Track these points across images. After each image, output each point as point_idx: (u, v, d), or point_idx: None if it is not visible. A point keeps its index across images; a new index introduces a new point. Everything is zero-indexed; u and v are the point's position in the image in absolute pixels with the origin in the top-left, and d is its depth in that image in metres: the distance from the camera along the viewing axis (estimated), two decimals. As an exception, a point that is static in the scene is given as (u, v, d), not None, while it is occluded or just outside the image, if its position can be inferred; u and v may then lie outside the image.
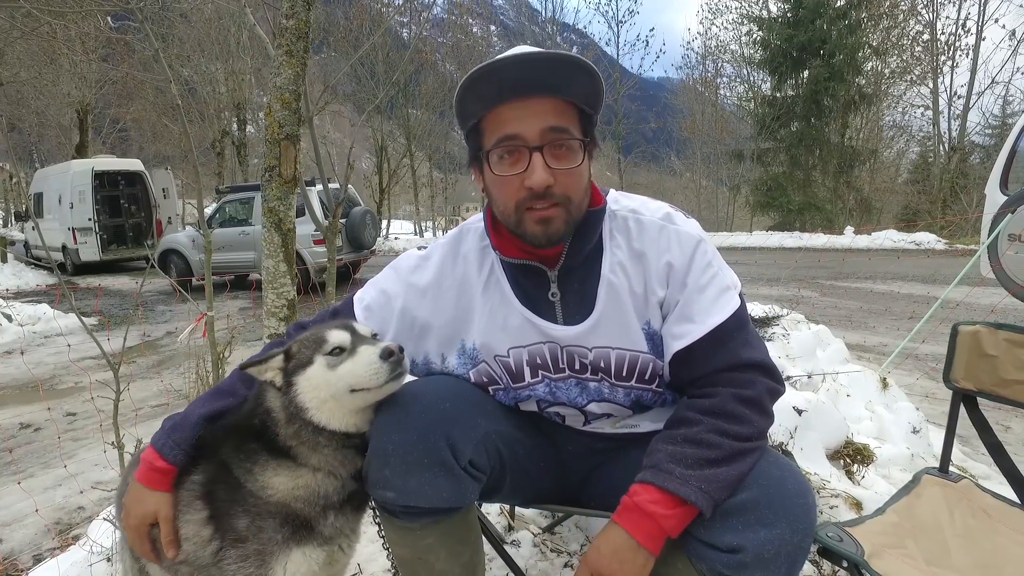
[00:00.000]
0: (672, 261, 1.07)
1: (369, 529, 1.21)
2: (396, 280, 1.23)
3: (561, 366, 1.13)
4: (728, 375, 1.03)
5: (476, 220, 1.22)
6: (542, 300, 1.12)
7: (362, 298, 1.24)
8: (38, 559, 2.33)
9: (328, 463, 1.07)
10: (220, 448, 1.09)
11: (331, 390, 1.04)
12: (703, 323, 1.03)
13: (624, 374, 1.11)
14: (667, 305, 1.09)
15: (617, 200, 1.15)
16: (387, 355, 1.02)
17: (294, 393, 1.05)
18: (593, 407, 1.17)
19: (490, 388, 1.19)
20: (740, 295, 1.09)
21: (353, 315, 1.23)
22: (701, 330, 1.03)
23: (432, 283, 1.18)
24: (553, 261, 1.11)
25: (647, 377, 1.12)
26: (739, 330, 1.05)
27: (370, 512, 1.19)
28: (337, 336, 1.08)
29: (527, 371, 1.15)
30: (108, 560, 1.82)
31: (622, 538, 0.94)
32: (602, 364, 1.11)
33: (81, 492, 2.81)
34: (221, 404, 1.14)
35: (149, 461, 1.07)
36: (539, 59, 0.96)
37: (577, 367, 1.13)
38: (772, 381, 1.05)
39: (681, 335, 1.05)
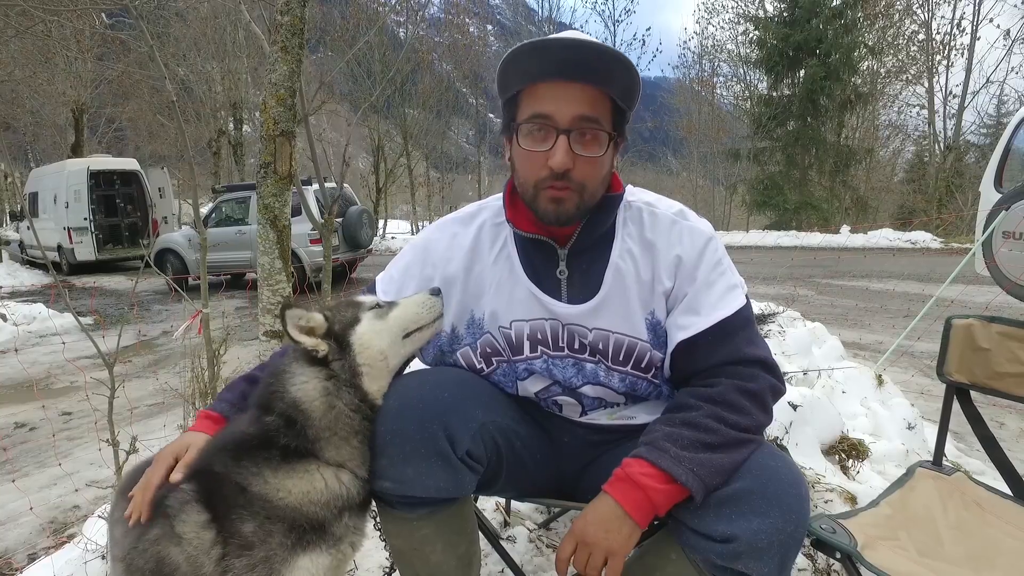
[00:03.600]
0: (682, 255, 1.10)
1: (367, 525, 1.21)
2: (412, 256, 1.27)
3: (560, 344, 1.15)
4: (731, 368, 1.05)
5: (495, 198, 1.25)
6: (549, 276, 1.15)
7: (383, 277, 1.29)
8: (33, 558, 2.32)
9: (355, 458, 1.04)
10: (212, 462, 1.03)
11: (385, 341, 1.08)
12: (708, 316, 1.06)
13: (621, 358, 1.13)
14: (674, 297, 1.11)
15: (634, 193, 1.20)
16: (436, 292, 1.14)
17: (352, 355, 1.06)
18: (587, 390, 1.18)
19: (493, 360, 1.20)
20: (746, 295, 1.12)
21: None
22: (706, 323, 1.05)
23: (444, 256, 1.22)
24: (564, 239, 1.14)
25: (643, 365, 1.13)
26: (743, 327, 1.07)
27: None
28: (370, 298, 1.15)
29: (527, 345, 1.16)
30: (103, 558, 1.82)
31: (610, 507, 0.95)
32: (600, 346, 1.13)
33: (76, 491, 2.80)
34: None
35: (199, 416, 1.15)
36: (584, 45, 1.00)
37: (576, 346, 1.14)
38: (774, 379, 1.07)
39: (686, 326, 1.07)
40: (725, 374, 1.04)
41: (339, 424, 1.04)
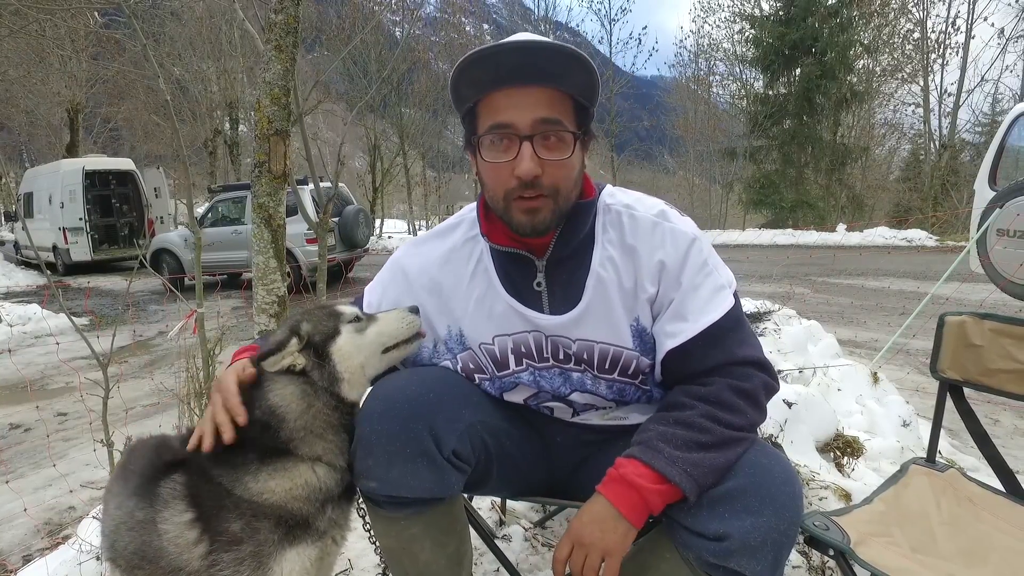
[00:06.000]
0: (665, 259, 1.06)
1: (360, 524, 1.21)
2: (392, 273, 1.25)
3: (545, 355, 1.14)
4: (725, 368, 1.03)
5: (469, 209, 1.22)
6: (528, 289, 1.12)
7: (369, 290, 1.28)
8: (28, 559, 2.31)
9: (330, 451, 1.07)
10: (201, 459, 1.06)
11: (363, 355, 1.10)
12: (696, 322, 1.03)
13: (607, 367, 1.11)
14: (659, 303, 1.08)
15: (613, 195, 1.15)
16: (414, 310, 1.15)
17: (331, 365, 1.08)
18: (576, 397, 1.17)
19: (476, 377, 1.18)
20: (735, 294, 1.09)
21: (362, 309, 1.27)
22: (695, 329, 1.03)
23: (422, 272, 1.20)
24: (541, 250, 1.11)
25: (630, 372, 1.12)
26: (734, 329, 1.05)
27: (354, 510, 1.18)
28: (351, 309, 1.15)
29: (512, 359, 1.15)
30: (97, 559, 1.81)
31: (604, 507, 0.95)
32: (585, 356, 1.11)
33: (71, 491, 2.79)
34: None
35: (237, 356, 1.14)
36: (536, 47, 0.96)
37: (561, 357, 1.13)
38: (768, 377, 1.06)
39: (674, 334, 1.05)
40: (719, 374, 1.03)
41: (316, 422, 1.06)
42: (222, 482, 1.03)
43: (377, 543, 1.19)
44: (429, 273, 1.19)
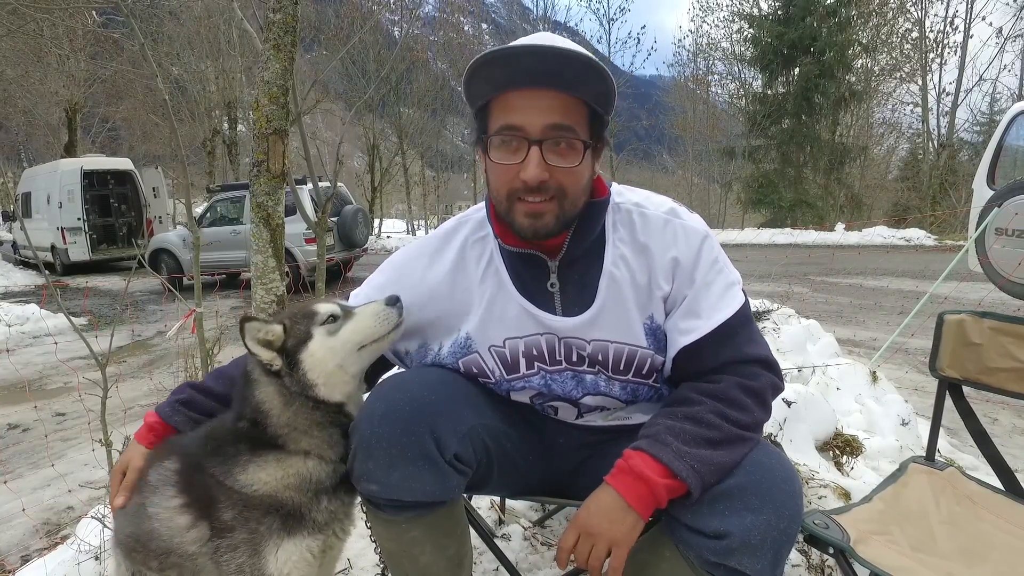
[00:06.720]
0: (678, 256, 1.07)
1: (360, 524, 1.21)
2: (392, 274, 1.23)
3: (558, 358, 1.12)
4: (733, 367, 1.04)
5: (474, 211, 1.21)
6: (541, 290, 1.11)
7: (358, 294, 1.25)
8: (26, 559, 2.31)
9: (318, 446, 1.08)
10: (195, 449, 1.09)
11: (337, 357, 1.08)
12: (710, 319, 1.04)
13: (622, 368, 1.11)
14: (672, 300, 1.08)
15: (621, 193, 1.15)
16: (393, 302, 1.10)
17: (301, 372, 1.07)
18: (588, 400, 1.16)
19: (479, 380, 1.17)
20: (743, 291, 1.10)
21: None
22: (708, 326, 1.03)
23: (427, 275, 1.18)
24: (554, 251, 1.10)
25: (644, 372, 1.11)
26: (744, 326, 1.06)
27: (359, 504, 1.18)
28: (326, 307, 1.12)
29: (523, 362, 1.14)
30: (96, 559, 1.81)
31: (612, 498, 0.94)
32: (600, 357, 1.10)
33: (70, 491, 2.79)
34: (217, 385, 1.21)
35: (145, 421, 1.16)
36: (553, 53, 0.95)
37: (574, 359, 1.12)
38: (775, 376, 1.06)
39: (688, 331, 1.05)
40: (728, 372, 1.03)
41: (299, 419, 1.08)
42: (214, 473, 1.05)
43: (377, 545, 1.19)
44: (436, 279, 1.17)
